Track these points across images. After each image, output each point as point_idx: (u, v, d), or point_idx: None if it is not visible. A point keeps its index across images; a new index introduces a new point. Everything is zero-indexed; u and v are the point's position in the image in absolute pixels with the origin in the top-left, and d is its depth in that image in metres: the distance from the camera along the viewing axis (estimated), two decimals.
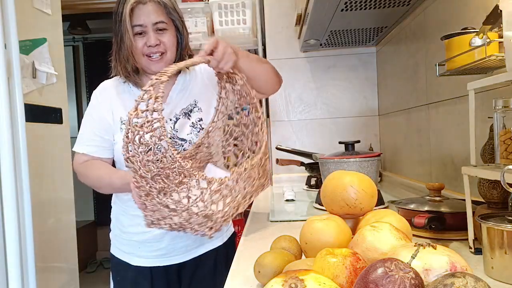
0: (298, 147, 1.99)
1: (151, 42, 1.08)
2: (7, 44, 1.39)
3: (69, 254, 2.01)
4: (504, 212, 0.72)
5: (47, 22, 1.92)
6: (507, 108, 0.72)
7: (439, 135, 1.34)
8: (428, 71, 1.40)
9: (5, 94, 1.33)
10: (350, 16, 1.52)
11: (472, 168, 0.75)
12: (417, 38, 1.50)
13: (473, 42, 0.84)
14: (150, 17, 1.07)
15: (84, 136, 1.15)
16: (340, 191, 0.79)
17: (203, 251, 1.19)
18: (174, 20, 1.13)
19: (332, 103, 2.17)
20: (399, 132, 1.80)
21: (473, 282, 0.40)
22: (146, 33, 1.08)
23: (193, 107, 1.18)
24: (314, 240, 0.69)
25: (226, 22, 2.19)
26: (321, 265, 0.56)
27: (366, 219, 0.75)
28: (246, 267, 0.78)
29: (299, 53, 2.16)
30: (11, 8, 1.39)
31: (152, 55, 1.10)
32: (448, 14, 1.21)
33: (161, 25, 1.09)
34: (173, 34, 1.13)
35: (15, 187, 1.35)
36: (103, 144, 1.13)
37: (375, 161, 1.29)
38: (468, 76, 0.95)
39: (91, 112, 1.17)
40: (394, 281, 0.43)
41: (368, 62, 2.15)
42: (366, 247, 0.61)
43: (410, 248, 0.52)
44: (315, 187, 1.77)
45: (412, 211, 0.93)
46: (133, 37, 1.08)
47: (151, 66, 1.12)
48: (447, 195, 1.06)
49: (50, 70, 1.87)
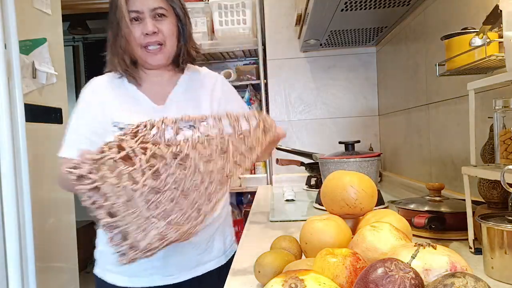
0: (298, 147, 1.99)
1: (148, 29, 0.98)
2: (7, 44, 1.39)
3: (69, 254, 2.01)
4: (504, 212, 0.71)
5: (47, 22, 1.92)
6: (507, 108, 0.72)
7: (439, 135, 1.34)
8: (428, 71, 1.40)
9: (5, 94, 1.33)
10: (350, 16, 1.52)
11: (472, 168, 0.75)
12: (417, 38, 1.50)
13: (473, 42, 0.84)
14: (148, 2, 0.98)
15: (71, 139, 1.03)
16: (340, 191, 0.79)
17: (202, 272, 1.07)
18: (174, 8, 1.03)
19: (332, 103, 2.17)
20: (399, 132, 1.79)
21: (473, 282, 0.40)
22: (143, 20, 0.99)
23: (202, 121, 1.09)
24: (314, 240, 0.69)
25: (226, 22, 2.19)
26: (321, 265, 0.56)
27: (366, 219, 0.75)
28: (246, 267, 0.78)
29: (299, 53, 2.16)
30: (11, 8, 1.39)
31: (150, 46, 1.00)
32: (448, 14, 1.21)
33: (160, 10, 1.00)
34: (173, 22, 1.03)
35: (15, 187, 1.35)
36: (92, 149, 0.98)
37: (375, 161, 1.29)
38: (468, 76, 0.95)
39: (80, 112, 1.05)
40: (394, 281, 0.43)
41: (368, 62, 2.15)
42: (366, 247, 0.61)
43: (410, 248, 0.52)
44: (315, 187, 1.77)
45: (412, 211, 0.93)
46: (130, 23, 0.98)
47: (148, 58, 1.02)
48: (447, 195, 1.06)
49: (50, 70, 1.87)
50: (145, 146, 0.64)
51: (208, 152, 0.65)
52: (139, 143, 0.65)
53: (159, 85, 1.09)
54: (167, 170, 0.63)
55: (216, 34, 2.24)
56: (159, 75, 1.10)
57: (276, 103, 2.19)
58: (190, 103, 1.09)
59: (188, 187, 0.64)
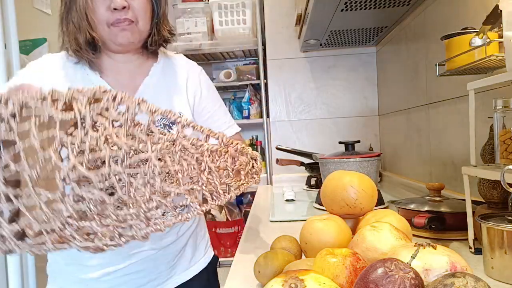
0: (298, 147, 1.99)
1: (117, 4, 0.79)
2: (7, 44, 1.39)
3: None
4: (504, 212, 0.71)
5: (47, 22, 1.92)
6: (507, 108, 0.72)
7: (439, 135, 1.34)
8: (428, 71, 1.40)
9: None
10: (350, 16, 1.52)
11: (472, 168, 0.75)
12: (417, 38, 1.50)
13: (473, 42, 0.84)
14: None
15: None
16: (340, 191, 0.79)
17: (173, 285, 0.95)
18: None
19: (332, 103, 2.17)
20: (399, 132, 1.80)
21: (473, 282, 0.40)
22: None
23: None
24: (314, 240, 0.69)
25: (226, 22, 2.19)
26: (321, 265, 0.56)
27: (366, 219, 0.75)
28: (246, 267, 0.78)
29: (299, 53, 2.16)
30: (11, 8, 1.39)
31: (119, 24, 0.82)
32: (448, 14, 1.21)
33: None
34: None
35: None
36: None
37: (375, 161, 1.29)
38: (468, 76, 0.95)
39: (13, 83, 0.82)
40: (394, 281, 0.43)
41: (368, 62, 2.15)
42: (366, 247, 0.61)
43: (410, 248, 0.52)
44: (315, 187, 1.77)
45: (412, 211, 0.93)
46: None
47: (117, 35, 0.83)
48: (447, 195, 1.06)
49: None
50: (100, 122, 0.47)
51: (175, 168, 0.49)
52: (96, 113, 0.47)
53: (128, 73, 0.92)
54: (112, 165, 0.46)
55: (216, 34, 2.25)
56: (128, 61, 0.91)
57: (276, 103, 2.19)
58: (162, 98, 0.92)
59: (124, 199, 0.48)
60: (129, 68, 0.92)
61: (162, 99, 0.91)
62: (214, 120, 1.00)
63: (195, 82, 0.98)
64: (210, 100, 1.00)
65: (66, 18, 0.84)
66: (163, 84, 0.93)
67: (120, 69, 0.91)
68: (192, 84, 0.97)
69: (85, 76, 0.87)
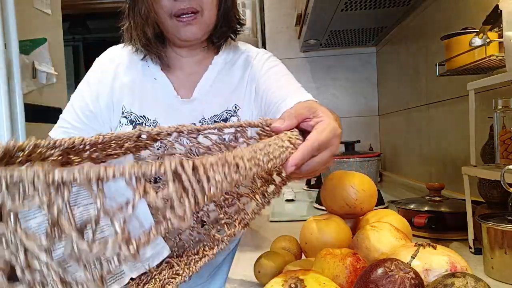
0: None
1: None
2: (7, 44, 1.39)
3: None
4: (504, 212, 0.71)
5: (47, 22, 1.92)
6: (507, 108, 0.72)
7: (439, 135, 1.34)
8: (428, 71, 1.40)
9: (5, 94, 1.33)
10: (350, 16, 1.52)
11: (472, 168, 0.75)
12: (417, 38, 1.50)
13: (473, 42, 0.84)
14: None
15: (65, 118, 0.83)
16: (340, 191, 0.79)
17: None
18: None
19: (332, 103, 2.17)
20: (399, 132, 1.79)
21: (473, 282, 0.40)
22: None
23: (231, 116, 0.83)
24: (314, 240, 0.69)
25: None
26: (321, 265, 0.56)
27: (366, 219, 0.75)
28: (246, 267, 0.78)
29: (299, 53, 2.16)
30: (11, 8, 1.39)
31: (183, 15, 0.76)
32: (448, 14, 1.21)
33: None
34: None
35: None
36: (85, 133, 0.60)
37: (375, 161, 1.29)
38: (468, 76, 0.95)
39: (84, 86, 0.84)
40: (394, 281, 0.43)
41: (368, 62, 2.15)
42: (366, 247, 0.61)
43: (410, 248, 0.52)
44: (315, 187, 1.77)
45: (412, 211, 0.93)
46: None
47: (180, 30, 0.78)
48: (447, 195, 1.06)
49: (50, 70, 1.87)
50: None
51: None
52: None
53: (189, 68, 0.87)
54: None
55: None
56: (190, 55, 0.86)
57: None
58: (219, 92, 0.86)
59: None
60: (190, 62, 0.87)
61: (219, 93, 0.85)
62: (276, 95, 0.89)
63: (254, 69, 0.90)
64: (269, 78, 0.90)
65: (133, 10, 0.79)
66: (222, 78, 0.87)
67: (182, 63, 0.87)
68: (251, 73, 0.89)
69: (145, 68, 0.85)
